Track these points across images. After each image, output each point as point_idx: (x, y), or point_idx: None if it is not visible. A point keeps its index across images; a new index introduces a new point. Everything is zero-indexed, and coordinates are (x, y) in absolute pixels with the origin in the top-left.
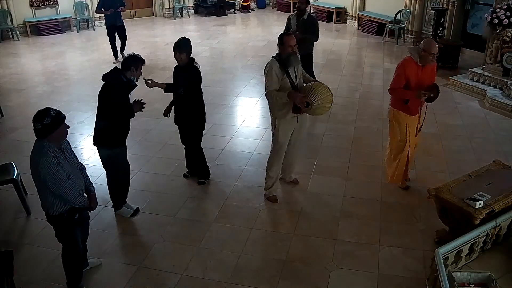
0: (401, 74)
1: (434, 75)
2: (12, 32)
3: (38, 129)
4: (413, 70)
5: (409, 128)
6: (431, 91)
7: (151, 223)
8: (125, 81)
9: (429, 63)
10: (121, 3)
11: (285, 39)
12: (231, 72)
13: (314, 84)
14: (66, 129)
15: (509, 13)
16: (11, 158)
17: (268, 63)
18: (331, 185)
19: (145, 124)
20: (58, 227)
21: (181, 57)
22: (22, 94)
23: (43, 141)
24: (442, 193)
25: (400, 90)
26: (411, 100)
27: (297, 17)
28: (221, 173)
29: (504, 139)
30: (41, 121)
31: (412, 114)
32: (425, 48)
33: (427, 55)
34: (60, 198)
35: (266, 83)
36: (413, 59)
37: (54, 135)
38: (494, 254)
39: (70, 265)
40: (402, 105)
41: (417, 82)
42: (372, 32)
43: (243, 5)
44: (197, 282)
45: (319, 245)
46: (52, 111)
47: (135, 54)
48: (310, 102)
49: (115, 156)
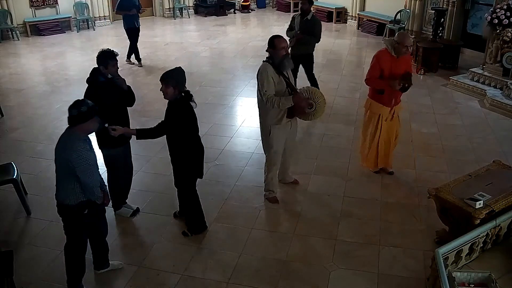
0: (376, 64)
1: (409, 65)
2: (12, 32)
3: (73, 116)
4: (387, 61)
5: (382, 119)
6: (406, 80)
7: (151, 223)
8: (103, 80)
9: (403, 54)
10: (139, 5)
11: (276, 42)
12: (231, 72)
13: (309, 87)
14: (96, 122)
15: (509, 13)
16: (11, 158)
17: (261, 68)
18: (331, 185)
19: (145, 124)
20: (67, 219)
21: (166, 91)
22: (22, 94)
23: (75, 129)
24: (442, 193)
25: (375, 80)
26: (386, 91)
27: (301, 17)
28: (221, 173)
29: (504, 139)
30: (79, 108)
31: (387, 105)
32: (398, 40)
33: (401, 46)
34: (82, 186)
35: (263, 88)
36: (388, 51)
37: (86, 125)
38: (494, 254)
39: (71, 260)
40: (378, 96)
41: (391, 72)
42: (372, 32)
43: (243, 5)
44: (197, 282)
45: (319, 245)
46: (89, 102)
47: (103, 50)
48: (314, 103)
49: (115, 156)
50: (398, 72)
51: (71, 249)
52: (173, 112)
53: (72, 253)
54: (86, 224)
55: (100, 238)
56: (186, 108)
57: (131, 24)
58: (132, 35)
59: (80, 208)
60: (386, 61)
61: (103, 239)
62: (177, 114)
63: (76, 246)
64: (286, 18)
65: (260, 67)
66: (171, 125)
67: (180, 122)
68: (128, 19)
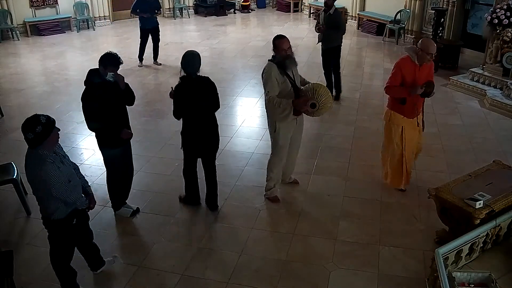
0: (398, 72)
1: (431, 74)
2: (12, 32)
3: (30, 139)
4: (410, 69)
5: (405, 131)
6: (427, 86)
7: (151, 223)
8: (99, 81)
9: (426, 62)
10: (156, 5)
11: (277, 43)
12: (231, 72)
13: (314, 84)
14: (58, 133)
15: (509, 13)
16: (11, 158)
17: (266, 67)
18: (331, 185)
19: (145, 124)
20: (56, 231)
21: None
22: (22, 94)
23: (37, 150)
24: (442, 193)
25: (395, 88)
26: (408, 100)
27: (324, 12)
28: (221, 173)
29: (504, 139)
30: (33, 130)
31: (409, 116)
32: (422, 47)
33: (425, 54)
34: (63, 202)
35: (267, 88)
36: (411, 58)
37: (47, 142)
38: (494, 254)
39: (58, 268)
40: (399, 107)
41: (413, 81)
42: (372, 32)
43: (243, 5)
44: (197, 282)
45: (319, 245)
46: (41, 118)
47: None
48: (317, 103)
49: (115, 156)
50: (420, 81)
51: (56, 258)
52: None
53: (57, 261)
54: (73, 234)
55: (87, 242)
56: (181, 89)
57: (147, 25)
58: (144, 36)
59: (69, 219)
60: (408, 69)
61: (90, 242)
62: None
63: (61, 256)
64: (286, 18)
65: (265, 66)
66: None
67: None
68: (144, 20)
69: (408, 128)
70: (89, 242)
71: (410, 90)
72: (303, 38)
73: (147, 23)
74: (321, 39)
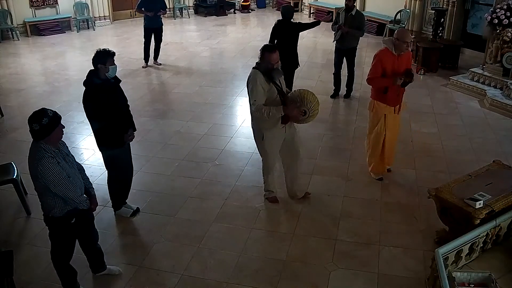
0: (378, 64)
1: (409, 62)
2: (12, 32)
3: (36, 130)
4: (389, 60)
5: (387, 119)
6: (406, 76)
7: (151, 223)
8: (99, 82)
9: (404, 51)
10: (162, 5)
11: (266, 56)
12: (231, 72)
13: (301, 91)
14: (62, 130)
15: (509, 13)
16: (11, 158)
17: (251, 74)
18: (331, 185)
19: (145, 124)
20: (55, 229)
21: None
22: (22, 94)
23: (40, 143)
24: (442, 193)
25: (377, 79)
26: (390, 89)
27: (345, 12)
28: (221, 173)
29: (504, 139)
30: (39, 122)
31: (391, 104)
32: (398, 37)
33: (401, 43)
34: (62, 199)
35: (253, 97)
36: (389, 50)
37: (51, 136)
38: (494, 254)
39: (59, 266)
40: (382, 96)
41: (393, 70)
42: (372, 32)
43: (243, 5)
44: (197, 282)
45: (319, 245)
46: (49, 111)
47: (100, 50)
48: (307, 110)
49: (114, 157)
50: (400, 70)
51: (56, 256)
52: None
53: (58, 260)
54: (73, 233)
55: (91, 245)
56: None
57: (151, 24)
58: (148, 35)
59: (67, 218)
60: (387, 60)
61: (95, 245)
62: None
63: (61, 254)
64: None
65: (250, 74)
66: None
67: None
68: (148, 19)
69: (389, 116)
70: (94, 244)
71: (392, 81)
72: (303, 38)
73: (151, 23)
74: (338, 38)
